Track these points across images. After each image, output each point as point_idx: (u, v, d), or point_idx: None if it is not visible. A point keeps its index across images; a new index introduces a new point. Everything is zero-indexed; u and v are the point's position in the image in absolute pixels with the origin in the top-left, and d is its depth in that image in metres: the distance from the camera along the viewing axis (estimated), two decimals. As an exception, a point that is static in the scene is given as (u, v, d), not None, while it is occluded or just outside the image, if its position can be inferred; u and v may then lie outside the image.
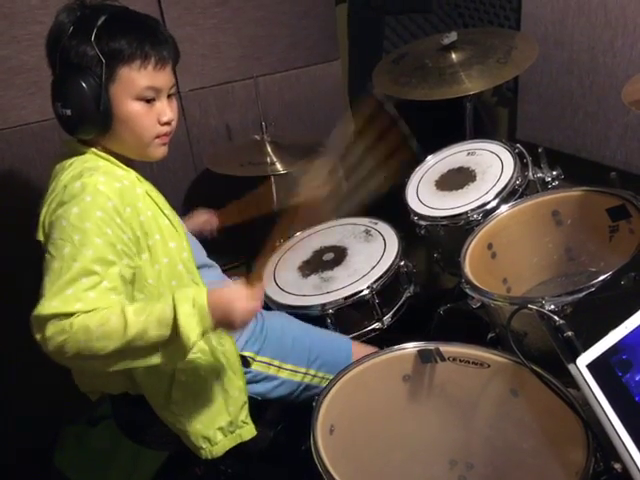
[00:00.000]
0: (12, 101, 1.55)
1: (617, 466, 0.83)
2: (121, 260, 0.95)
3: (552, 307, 0.95)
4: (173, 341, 0.89)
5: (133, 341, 0.88)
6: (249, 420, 1.15)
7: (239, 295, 0.93)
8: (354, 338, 1.37)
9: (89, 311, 0.88)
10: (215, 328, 0.93)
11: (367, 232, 1.59)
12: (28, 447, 1.65)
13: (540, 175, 1.42)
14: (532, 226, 1.32)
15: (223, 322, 0.92)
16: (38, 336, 0.88)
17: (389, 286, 1.41)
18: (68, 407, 1.56)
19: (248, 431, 1.15)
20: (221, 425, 1.11)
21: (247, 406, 1.15)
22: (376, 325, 1.41)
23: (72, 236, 0.91)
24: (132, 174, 1.04)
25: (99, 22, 0.95)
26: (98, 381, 1.14)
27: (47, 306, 0.87)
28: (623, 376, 0.78)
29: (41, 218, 0.98)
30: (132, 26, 0.99)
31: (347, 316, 1.39)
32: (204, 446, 1.11)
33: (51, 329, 0.87)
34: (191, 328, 0.88)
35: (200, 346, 1.07)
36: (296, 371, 1.23)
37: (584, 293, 0.97)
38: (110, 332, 0.87)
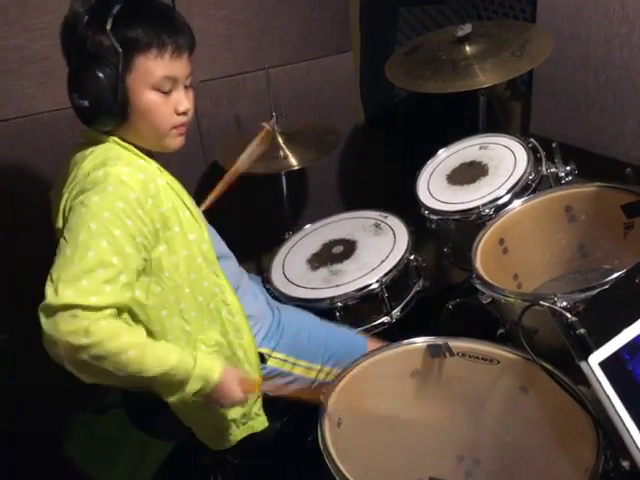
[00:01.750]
0: (24, 90, 1.55)
1: (625, 464, 0.82)
2: (139, 253, 0.94)
3: (564, 304, 0.94)
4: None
5: (144, 378, 0.92)
6: (262, 412, 1.16)
7: (236, 393, 1.01)
8: (363, 332, 1.37)
9: (104, 307, 0.87)
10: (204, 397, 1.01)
11: (377, 226, 1.58)
12: (38, 432, 1.67)
13: (554, 170, 1.41)
14: (545, 222, 1.30)
15: (213, 399, 1.02)
16: (46, 326, 0.85)
17: (398, 280, 1.41)
18: (77, 394, 1.57)
19: (260, 422, 1.16)
20: (235, 417, 1.11)
21: (261, 398, 1.15)
22: (385, 319, 1.41)
23: (89, 223, 0.89)
24: (153, 165, 1.04)
25: (114, 11, 0.94)
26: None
27: (60, 295, 0.85)
28: (636, 374, 0.77)
29: (61, 205, 0.97)
30: (148, 14, 0.98)
31: (356, 309, 1.38)
32: (217, 437, 1.12)
33: (63, 323, 0.84)
34: (192, 392, 0.98)
35: (218, 340, 1.08)
36: (310, 368, 1.23)
37: (597, 290, 0.96)
38: (125, 364, 0.89)
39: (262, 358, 1.17)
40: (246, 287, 1.22)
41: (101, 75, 0.94)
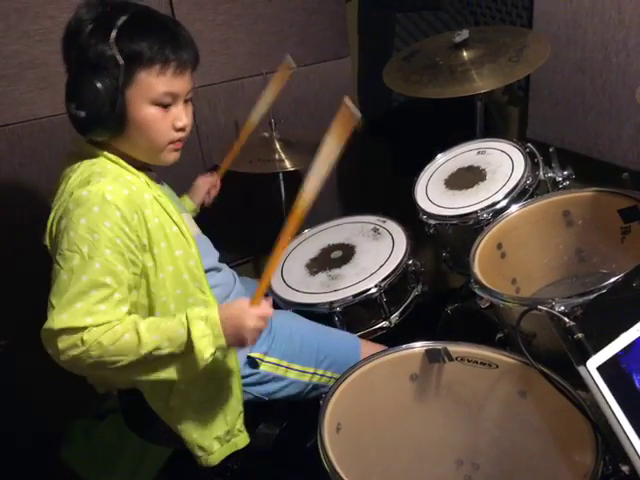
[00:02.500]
0: (23, 96, 1.56)
1: (625, 468, 0.82)
2: (129, 269, 0.95)
3: (562, 308, 0.94)
4: (187, 357, 0.93)
5: (146, 357, 0.91)
6: (243, 428, 1.16)
7: (249, 313, 0.95)
8: (361, 336, 1.37)
9: (100, 324, 0.89)
10: (228, 345, 0.96)
11: (375, 230, 1.58)
12: (38, 437, 1.66)
13: (551, 175, 1.41)
14: (542, 226, 1.31)
15: (234, 339, 0.96)
16: (50, 349, 0.90)
17: (397, 285, 1.41)
18: (77, 399, 1.57)
19: (242, 440, 1.15)
20: (218, 435, 1.11)
21: (243, 415, 1.15)
22: (384, 324, 1.41)
23: (80, 248, 0.90)
24: (141, 179, 1.03)
25: (120, 22, 0.93)
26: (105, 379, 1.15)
27: (57, 320, 0.87)
28: (634, 379, 0.77)
29: (48, 223, 0.97)
30: (153, 28, 0.96)
31: (355, 314, 1.38)
32: (200, 454, 1.12)
33: (62, 343, 0.88)
34: (204, 346, 0.92)
35: None
36: (304, 371, 1.22)
37: (595, 295, 0.96)
38: (123, 349, 0.90)
39: (255, 363, 1.16)
40: (237, 293, 1.22)
41: (100, 86, 0.93)
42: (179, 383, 1.05)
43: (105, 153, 1.01)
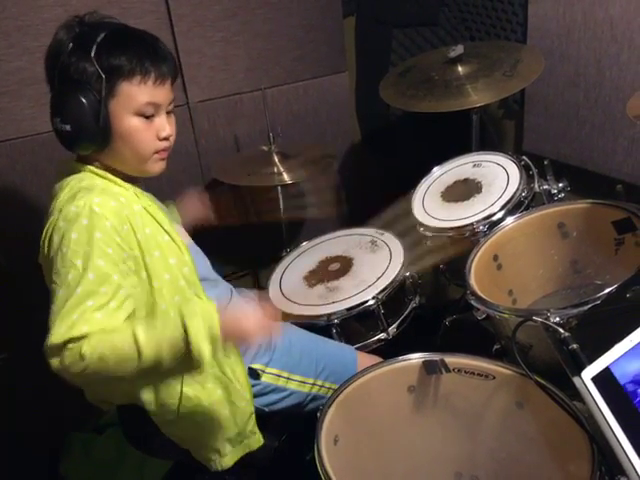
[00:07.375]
0: (24, 111, 1.58)
1: (622, 479, 0.82)
2: (125, 279, 0.95)
3: (557, 319, 0.95)
4: (187, 357, 0.90)
5: (148, 363, 0.90)
6: (256, 430, 1.15)
7: (249, 313, 0.92)
8: (359, 348, 1.38)
9: (96, 331, 0.88)
10: (227, 342, 0.92)
11: (373, 242, 1.59)
12: (37, 451, 1.66)
13: (546, 187, 1.43)
14: (538, 238, 1.32)
15: (234, 338, 0.93)
16: (54, 367, 0.89)
17: (395, 297, 1.42)
18: (76, 412, 1.57)
19: (256, 441, 1.15)
20: (229, 436, 1.11)
21: (254, 416, 1.15)
22: (381, 335, 1.41)
23: (74, 262, 0.91)
24: (130, 190, 1.04)
25: (98, 39, 0.96)
26: (105, 395, 1.14)
27: (56, 334, 0.87)
28: (628, 389, 0.78)
29: (40, 240, 0.98)
30: (132, 42, 1.00)
31: (352, 326, 1.39)
32: (213, 458, 1.12)
33: (65, 360, 0.87)
34: (203, 346, 0.89)
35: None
36: (304, 382, 1.23)
37: (589, 306, 0.97)
38: (124, 358, 0.89)
39: (256, 374, 1.17)
40: (234, 304, 1.22)
41: (84, 100, 0.95)
42: (187, 389, 1.06)
43: (92, 168, 1.02)
